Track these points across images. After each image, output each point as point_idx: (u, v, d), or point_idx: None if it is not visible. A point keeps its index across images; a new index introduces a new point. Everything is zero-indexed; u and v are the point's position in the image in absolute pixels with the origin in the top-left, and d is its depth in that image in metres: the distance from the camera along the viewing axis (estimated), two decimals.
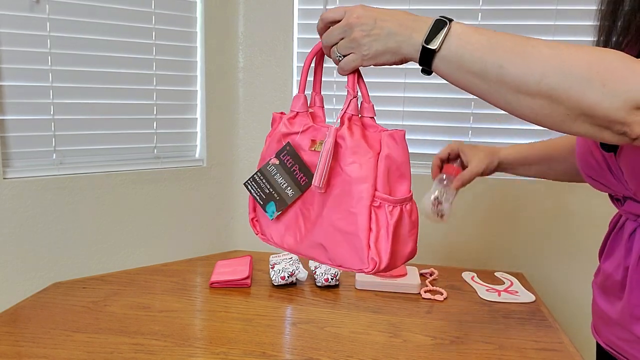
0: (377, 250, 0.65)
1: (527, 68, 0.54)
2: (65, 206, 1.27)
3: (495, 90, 0.56)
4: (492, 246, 1.47)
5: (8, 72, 1.20)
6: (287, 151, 0.73)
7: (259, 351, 0.94)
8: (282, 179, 0.73)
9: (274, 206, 0.74)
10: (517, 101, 0.55)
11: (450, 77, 0.60)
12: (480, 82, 0.57)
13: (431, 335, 1.02)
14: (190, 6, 1.43)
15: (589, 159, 0.72)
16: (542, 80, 0.53)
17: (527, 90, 0.54)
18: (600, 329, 0.78)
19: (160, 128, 1.43)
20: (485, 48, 0.56)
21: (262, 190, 0.75)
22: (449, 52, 0.58)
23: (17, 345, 0.94)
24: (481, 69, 0.56)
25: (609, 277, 0.74)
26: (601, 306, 0.76)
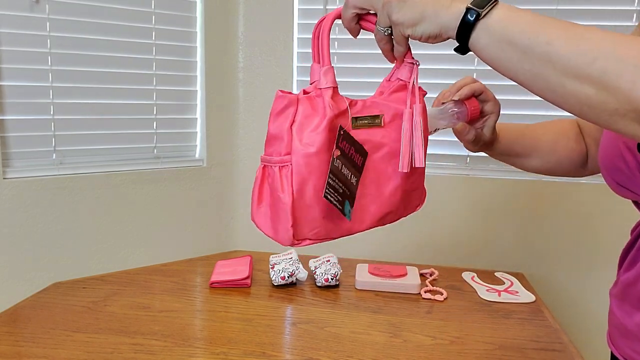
0: None
1: (577, 48, 0.49)
2: (65, 206, 1.27)
3: (539, 72, 0.51)
4: (492, 246, 1.47)
5: (8, 72, 1.20)
6: (343, 136, 0.63)
7: (259, 351, 0.94)
8: (347, 170, 0.64)
9: (348, 205, 0.65)
10: (562, 86, 0.50)
11: (489, 52, 0.55)
12: (524, 59, 0.52)
13: (431, 335, 1.02)
14: (190, 6, 1.43)
15: (619, 164, 0.67)
16: (593, 63, 0.48)
17: (576, 73, 0.49)
18: (616, 340, 0.76)
19: (160, 128, 1.43)
20: (534, 22, 0.51)
21: (338, 192, 0.64)
22: (494, 21, 0.53)
23: (17, 345, 0.94)
24: (527, 44, 0.51)
25: (629, 287, 0.70)
26: (619, 317, 0.73)
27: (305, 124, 0.62)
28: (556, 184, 1.40)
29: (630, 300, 0.70)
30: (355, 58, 1.48)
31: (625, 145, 0.65)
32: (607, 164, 0.70)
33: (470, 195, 1.45)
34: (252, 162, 1.55)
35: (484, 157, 1.46)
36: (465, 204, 1.46)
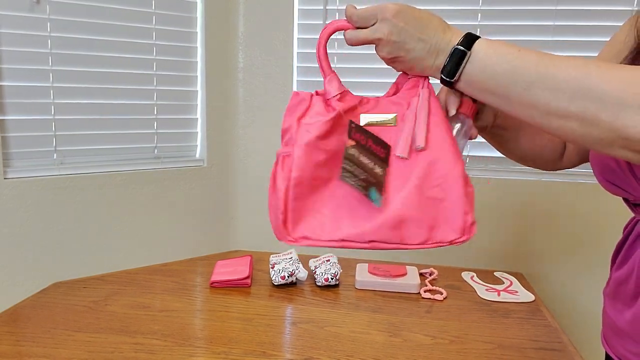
0: (472, 213, 0.62)
1: (554, 91, 0.51)
2: (65, 206, 1.28)
3: (522, 111, 0.55)
4: (491, 246, 1.47)
5: (9, 72, 1.20)
6: (355, 128, 0.65)
7: (259, 351, 0.95)
8: (366, 159, 0.64)
9: (375, 192, 0.64)
10: (548, 122, 0.53)
11: (474, 96, 0.60)
12: (505, 103, 0.56)
13: (431, 334, 1.03)
14: (191, 6, 1.43)
15: (610, 162, 0.69)
16: (573, 103, 0.50)
17: (557, 113, 0.51)
18: (610, 339, 0.76)
19: (161, 128, 1.43)
20: (508, 72, 0.54)
21: (359, 177, 0.63)
22: (470, 78, 0.58)
23: (17, 345, 0.95)
24: (505, 93, 0.55)
25: (621, 285, 0.71)
26: (611, 316, 0.73)
27: (313, 117, 0.64)
28: (556, 184, 1.40)
29: (622, 298, 0.70)
30: (359, 58, 1.48)
31: None
32: (598, 162, 0.71)
33: None
34: (252, 162, 1.55)
35: (484, 157, 1.46)
36: None
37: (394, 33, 0.60)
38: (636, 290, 0.67)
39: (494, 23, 1.40)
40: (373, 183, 0.64)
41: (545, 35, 1.38)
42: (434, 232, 0.62)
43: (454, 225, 0.62)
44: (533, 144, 0.84)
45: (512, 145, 0.85)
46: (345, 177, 0.63)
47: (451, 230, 0.62)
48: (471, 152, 1.46)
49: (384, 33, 0.61)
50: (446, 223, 0.62)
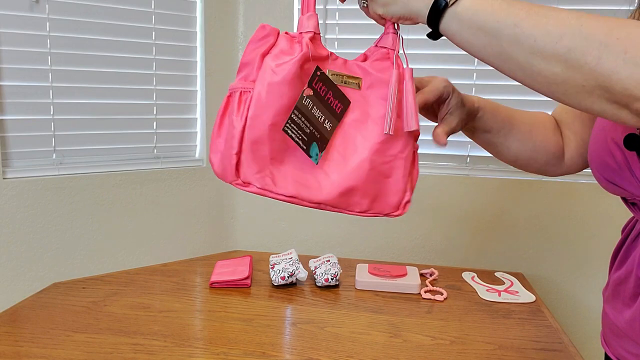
0: (411, 193, 0.66)
1: (544, 28, 0.50)
2: (65, 206, 1.27)
3: (509, 53, 0.53)
4: (492, 246, 1.47)
5: (8, 72, 1.20)
6: (319, 77, 0.62)
7: (259, 351, 0.94)
8: (319, 112, 0.62)
9: (316, 147, 0.63)
10: (531, 66, 0.52)
11: (460, 37, 0.57)
12: (493, 43, 0.54)
13: (431, 335, 1.02)
14: (190, 6, 1.43)
15: (608, 160, 0.68)
16: (559, 42, 0.49)
17: (543, 52, 0.50)
18: (610, 340, 0.76)
19: (160, 128, 1.43)
20: (502, 6, 0.53)
21: (303, 131, 0.62)
22: (463, 8, 0.55)
23: (16, 345, 0.94)
24: (495, 27, 0.53)
25: (620, 285, 0.70)
26: (611, 316, 0.73)
27: (278, 56, 0.61)
28: (556, 184, 1.40)
29: (621, 298, 0.70)
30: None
31: (613, 141, 0.65)
32: (596, 160, 0.70)
33: (470, 195, 1.45)
34: None
35: (484, 157, 1.46)
36: (465, 204, 1.46)
37: None
38: (635, 291, 0.67)
39: None
40: (317, 138, 0.62)
41: None
42: (374, 203, 0.65)
43: (392, 200, 0.66)
44: (524, 147, 0.82)
45: (502, 149, 0.83)
46: (287, 128, 0.61)
47: (388, 204, 0.66)
48: (471, 152, 1.46)
49: None
50: (386, 197, 0.66)
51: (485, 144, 0.83)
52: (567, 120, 0.84)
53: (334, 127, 0.64)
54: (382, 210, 0.66)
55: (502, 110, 0.81)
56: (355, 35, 1.47)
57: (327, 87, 0.63)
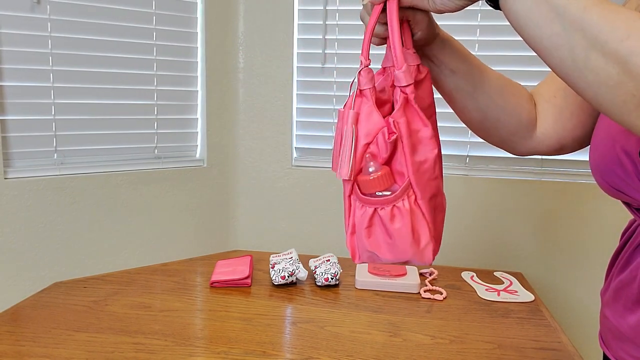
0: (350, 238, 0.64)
1: (612, 22, 0.46)
2: (66, 206, 1.28)
3: (568, 37, 0.48)
4: (491, 246, 1.47)
5: (9, 72, 1.20)
6: None
7: (260, 350, 0.95)
8: None
9: None
10: (586, 59, 0.48)
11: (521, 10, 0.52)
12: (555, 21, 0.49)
13: (431, 334, 1.03)
14: (191, 7, 1.43)
15: (616, 169, 0.65)
16: (624, 41, 0.45)
17: (604, 47, 0.46)
18: (609, 342, 0.75)
19: (161, 128, 1.43)
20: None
21: None
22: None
23: (17, 344, 0.95)
24: (564, 4, 0.48)
25: (622, 289, 0.69)
26: (611, 319, 0.72)
27: None
28: (556, 184, 1.41)
29: (624, 302, 0.70)
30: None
31: (624, 151, 0.63)
32: (603, 168, 0.67)
33: (469, 195, 1.46)
34: (252, 162, 1.56)
35: (484, 157, 1.47)
36: (464, 204, 1.46)
37: None
38: (639, 297, 0.67)
39: (493, 23, 1.40)
40: None
41: None
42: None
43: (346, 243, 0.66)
44: (493, 104, 0.74)
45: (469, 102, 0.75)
46: None
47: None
48: (471, 152, 1.47)
49: None
50: None
51: (453, 91, 0.74)
52: (547, 94, 0.78)
53: None
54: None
55: (472, 58, 0.75)
56: (355, 35, 1.47)
57: None
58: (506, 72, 1.43)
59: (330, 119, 1.53)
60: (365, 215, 0.60)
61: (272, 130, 1.53)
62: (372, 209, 0.59)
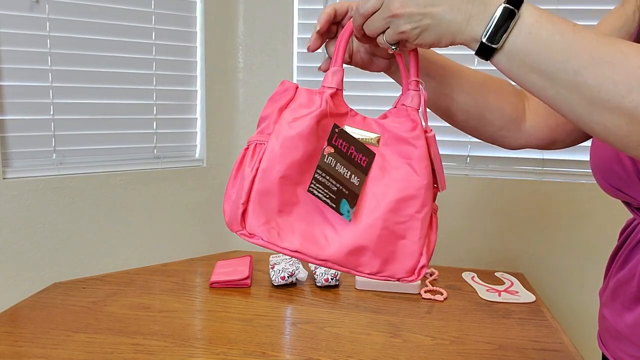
0: (427, 258, 0.61)
1: (609, 79, 0.44)
2: (65, 206, 1.27)
3: (564, 98, 0.47)
4: (492, 246, 1.47)
5: (8, 72, 1.20)
6: (338, 134, 0.61)
7: (259, 351, 0.94)
8: (343, 168, 0.61)
9: (347, 204, 0.61)
10: (589, 115, 0.46)
11: (511, 74, 0.51)
12: (547, 85, 0.48)
13: (431, 335, 1.02)
14: (190, 6, 1.43)
15: (616, 169, 0.65)
16: (627, 96, 0.43)
17: (606, 104, 0.44)
18: (607, 342, 0.75)
19: (160, 128, 1.43)
20: (560, 47, 0.46)
21: (330, 189, 0.61)
22: (514, 48, 0.49)
23: (16, 345, 0.94)
24: (551, 71, 0.47)
25: (621, 287, 0.69)
26: (609, 319, 0.72)
27: (296, 110, 0.61)
28: (557, 184, 1.40)
29: (622, 300, 0.70)
30: None
31: None
32: (602, 168, 0.67)
33: (470, 195, 1.45)
34: None
35: (484, 157, 1.46)
36: (465, 204, 1.46)
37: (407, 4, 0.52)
38: (638, 295, 0.66)
39: None
40: (345, 195, 0.61)
41: None
42: (386, 266, 0.61)
43: (406, 264, 0.61)
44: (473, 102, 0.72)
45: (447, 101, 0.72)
46: (313, 188, 0.60)
47: (401, 268, 0.61)
48: (471, 152, 1.46)
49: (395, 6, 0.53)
50: (399, 260, 0.61)
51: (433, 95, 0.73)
52: None
53: (362, 181, 0.62)
54: (395, 273, 0.61)
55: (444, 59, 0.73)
56: None
57: (348, 143, 0.62)
58: None
59: None
60: None
61: None
62: None
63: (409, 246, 0.61)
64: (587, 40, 0.46)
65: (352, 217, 0.61)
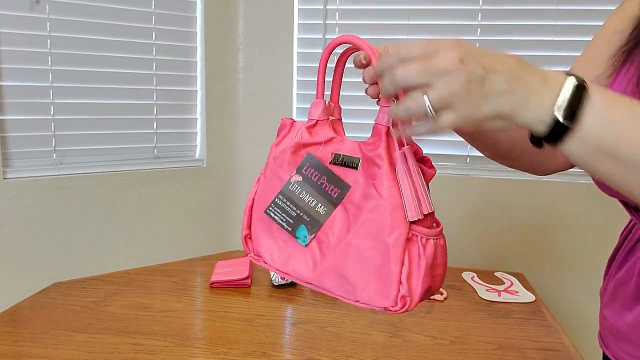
0: (409, 287, 0.56)
1: None
2: (65, 206, 1.27)
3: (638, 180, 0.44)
4: (492, 246, 1.47)
5: (8, 72, 1.20)
6: (310, 163, 0.63)
7: (259, 351, 0.94)
8: (309, 197, 0.63)
9: (305, 230, 0.63)
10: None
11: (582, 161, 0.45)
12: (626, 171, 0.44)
13: (431, 335, 1.02)
14: (190, 6, 1.43)
15: None
16: None
17: None
18: (608, 341, 0.75)
19: (160, 128, 1.43)
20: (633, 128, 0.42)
21: (288, 214, 0.64)
22: (590, 129, 0.43)
23: (17, 345, 0.94)
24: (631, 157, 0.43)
25: (620, 287, 0.70)
26: (609, 318, 0.73)
27: (283, 144, 0.67)
28: (556, 184, 1.40)
29: (621, 300, 0.70)
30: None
31: None
32: None
33: (470, 195, 1.45)
34: (252, 162, 1.55)
35: (484, 157, 1.46)
36: (465, 204, 1.46)
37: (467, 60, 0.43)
38: (637, 294, 0.66)
39: (494, 23, 1.40)
40: (305, 221, 0.63)
41: (545, 35, 1.38)
42: (363, 292, 0.59)
43: (385, 292, 0.57)
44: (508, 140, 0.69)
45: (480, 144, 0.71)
46: (270, 211, 0.65)
47: (381, 296, 0.57)
48: (471, 152, 1.46)
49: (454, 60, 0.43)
50: (377, 288, 0.58)
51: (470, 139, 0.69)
52: None
53: (329, 211, 0.62)
54: (374, 302, 0.58)
55: None
56: None
57: (320, 173, 0.63)
58: None
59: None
60: None
61: (272, 130, 1.52)
62: None
63: (385, 274, 0.57)
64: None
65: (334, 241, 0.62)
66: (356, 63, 0.57)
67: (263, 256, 0.67)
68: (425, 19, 1.41)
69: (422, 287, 0.57)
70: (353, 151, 0.62)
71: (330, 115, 0.67)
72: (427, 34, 1.42)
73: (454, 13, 1.40)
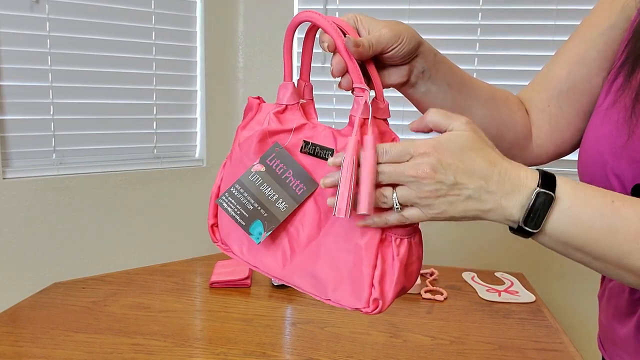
0: (381, 290, 0.54)
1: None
2: (65, 206, 1.27)
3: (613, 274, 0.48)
4: (492, 246, 1.47)
5: (8, 72, 1.20)
6: (277, 154, 0.57)
7: (259, 351, 0.94)
8: (270, 190, 0.57)
9: (261, 226, 0.58)
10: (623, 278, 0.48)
11: (554, 250, 0.51)
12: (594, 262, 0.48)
13: (431, 335, 1.02)
14: (190, 6, 1.43)
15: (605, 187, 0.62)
16: None
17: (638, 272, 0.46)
18: (607, 345, 0.75)
19: (160, 128, 1.43)
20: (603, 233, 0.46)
21: (244, 207, 0.58)
22: (556, 230, 0.48)
23: (16, 345, 0.94)
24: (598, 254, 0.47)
25: (613, 298, 0.69)
26: (608, 323, 0.73)
27: (251, 128, 0.60)
28: None
29: (613, 312, 0.70)
30: None
31: (613, 172, 0.60)
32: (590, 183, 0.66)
33: None
34: None
35: None
36: None
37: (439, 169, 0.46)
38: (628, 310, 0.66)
39: (494, 22, 1.40)
40: (262, 217, 0.57)
41: (545, 35, 1.38)
42: (335, 293, 0.56)
43: (356, 293, 0.55)
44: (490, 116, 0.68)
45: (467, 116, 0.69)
46: (223, 201, 0.58)
47: (353, 297, 0.55)
48: None
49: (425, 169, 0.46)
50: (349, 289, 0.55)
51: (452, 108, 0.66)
52: (541, 104, 0.71)
53: (290, 208, 0.57)
54: (346, 302, 0.55)
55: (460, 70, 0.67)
56: None
57: (286, 166, 0.57)
58: (508, 71, 1.43)
59: (330, 118, 1.52)
60: None
61: None
62: None
63: (357, 276, 0.55)
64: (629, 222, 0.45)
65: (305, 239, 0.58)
66: (323, 48, 0.54)
67: (231, 247, 0.63)
68: (425, 19, 1.41)
69: (395, 288, 0.55)
70: (326, 140, 0.56)
71: (300, 96, 0.61)
72: (427, 34, 1.41)
73: (454, 13, 1.40)
